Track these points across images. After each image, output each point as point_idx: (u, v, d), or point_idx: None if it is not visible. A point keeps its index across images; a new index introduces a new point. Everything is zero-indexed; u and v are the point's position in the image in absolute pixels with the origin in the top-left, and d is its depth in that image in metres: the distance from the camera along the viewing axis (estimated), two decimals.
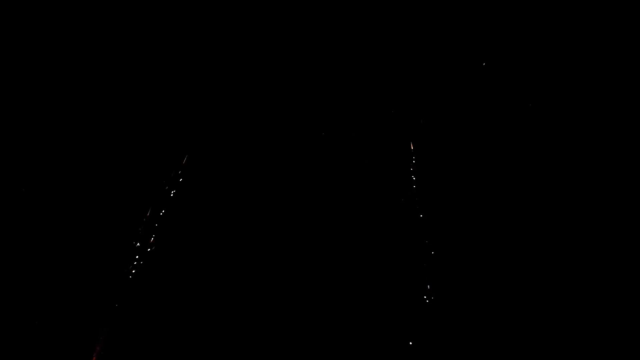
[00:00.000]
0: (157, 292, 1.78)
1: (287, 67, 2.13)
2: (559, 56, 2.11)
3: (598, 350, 1.65)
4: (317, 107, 2.10)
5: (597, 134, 2.01)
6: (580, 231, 1.82)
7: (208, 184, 1.99)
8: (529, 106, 1.67)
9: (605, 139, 2.01)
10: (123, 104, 2.02)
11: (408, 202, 1.85)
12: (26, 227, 1.84)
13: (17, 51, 2.06)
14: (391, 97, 2.10)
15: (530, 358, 1.66)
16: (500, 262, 1.73)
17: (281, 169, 2.00)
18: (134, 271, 1.84)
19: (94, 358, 1.65)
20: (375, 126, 2.08)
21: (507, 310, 1.70)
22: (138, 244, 1.89)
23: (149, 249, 1.87)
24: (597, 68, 2.09)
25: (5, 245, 1.78)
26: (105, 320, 1.72)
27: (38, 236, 1.83)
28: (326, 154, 2.01)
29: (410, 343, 1.58)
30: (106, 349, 1.68)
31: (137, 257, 1.86)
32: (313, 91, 2.11)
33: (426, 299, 1.71)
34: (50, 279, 1.73)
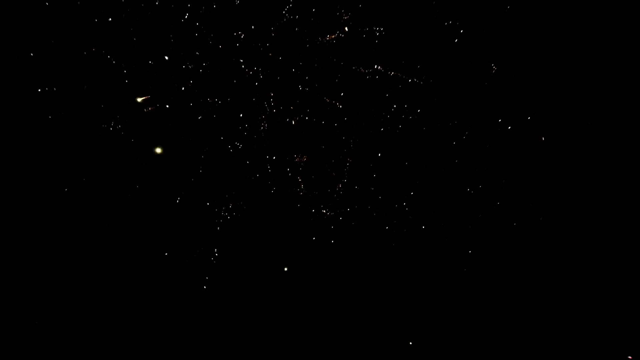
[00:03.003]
0: (158, 292, 1.77)
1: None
2: (560, 56, 2.11)
3: (598, 349, 1.65)
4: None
5: (596, 134, 2.01)
6: (579, 230, 1.82)
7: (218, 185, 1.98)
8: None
9: (604, 139, 2.00)
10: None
11: (407, 202, 1.84)
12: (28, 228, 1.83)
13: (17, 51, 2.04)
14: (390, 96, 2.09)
15: (530, 358, 1.65)
16: (500, 261, 1.73)
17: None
18: (135, 272, 1.83)
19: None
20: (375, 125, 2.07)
21: (507, 310, 1.70)
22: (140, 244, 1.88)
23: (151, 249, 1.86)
24: (597, 68, 2.08)
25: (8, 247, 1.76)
26: (105, 320, 1.71)
27: (41, 237, 1.82)
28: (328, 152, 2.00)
29: (410, 343, 1.58)
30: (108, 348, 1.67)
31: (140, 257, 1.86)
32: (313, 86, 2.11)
33: (425, 299, 1.71)
34: (51, 280, 1.73)
